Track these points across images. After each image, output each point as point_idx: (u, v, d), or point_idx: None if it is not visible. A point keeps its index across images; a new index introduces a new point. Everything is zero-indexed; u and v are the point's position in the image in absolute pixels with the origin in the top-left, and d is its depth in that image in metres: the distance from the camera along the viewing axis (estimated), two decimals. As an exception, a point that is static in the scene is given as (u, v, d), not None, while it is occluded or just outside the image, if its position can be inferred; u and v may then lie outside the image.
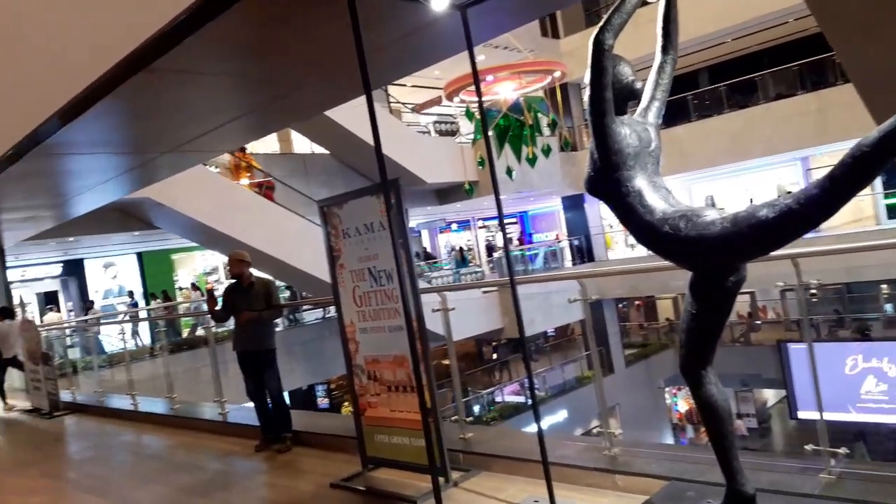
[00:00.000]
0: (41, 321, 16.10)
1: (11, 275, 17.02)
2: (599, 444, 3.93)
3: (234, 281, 5.67)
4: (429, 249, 26.08)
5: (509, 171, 13.78)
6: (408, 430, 4.12)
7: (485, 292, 15.58)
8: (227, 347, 5.85)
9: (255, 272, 5.77)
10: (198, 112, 5.47)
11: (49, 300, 20.15)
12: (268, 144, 20.63)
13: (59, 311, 17.63)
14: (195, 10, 3.13)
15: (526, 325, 3.76)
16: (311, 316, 15.99)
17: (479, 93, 3.93)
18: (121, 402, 8.43)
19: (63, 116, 4.73)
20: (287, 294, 17.85)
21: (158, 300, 18.17)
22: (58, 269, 20.27)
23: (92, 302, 19.19)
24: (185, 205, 12.83)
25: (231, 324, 5.86)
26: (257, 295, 5.47)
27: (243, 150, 14.69)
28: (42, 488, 5.47)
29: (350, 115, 15.13)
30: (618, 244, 22.55)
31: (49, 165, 6.64)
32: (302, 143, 20.49)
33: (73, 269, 20.37)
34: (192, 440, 6.45)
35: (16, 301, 17.49)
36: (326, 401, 20.90)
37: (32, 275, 19.99)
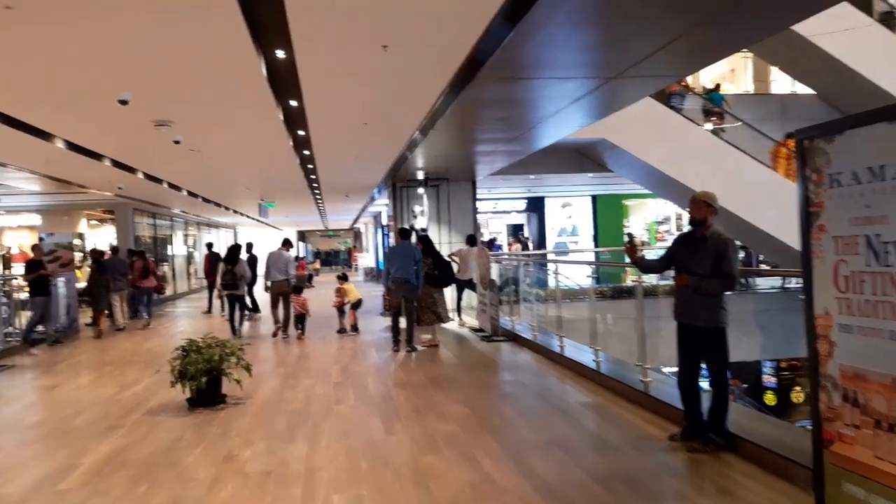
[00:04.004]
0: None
1: (485, 206, 19.31)
2: None
3: (688, 230, 4.52)
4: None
5: None
6: (904, 498, 2.60)
7: None
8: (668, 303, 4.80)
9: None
10: (641, 24, 4.55)
11: (515, 231, 22.46)
12: (740, 85, 18.56)
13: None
14: None
15: None
16: (765, 282, 13.89)
17: None
18: (550, 340, 8.39)
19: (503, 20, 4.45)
20: (741, 255, 15.97)
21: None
22: (522, 205, 22.35)
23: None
24: (639, 148, 12.28)
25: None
26: (707, 254, 4.23)
27: (791, 134, 13.30)
28: (455, 416, 5.55)
29: (849, 46, 12.26)
30: None
31: (505, 92, 6.73)
32: (781, 84, 17.79)
33: (536, 206, 22.19)
34: (606, 402, 5.83)
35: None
36: (773, 380, 18.40)
37: (502, 208, 22.50)
